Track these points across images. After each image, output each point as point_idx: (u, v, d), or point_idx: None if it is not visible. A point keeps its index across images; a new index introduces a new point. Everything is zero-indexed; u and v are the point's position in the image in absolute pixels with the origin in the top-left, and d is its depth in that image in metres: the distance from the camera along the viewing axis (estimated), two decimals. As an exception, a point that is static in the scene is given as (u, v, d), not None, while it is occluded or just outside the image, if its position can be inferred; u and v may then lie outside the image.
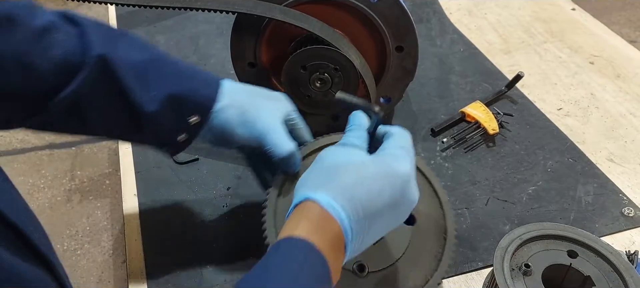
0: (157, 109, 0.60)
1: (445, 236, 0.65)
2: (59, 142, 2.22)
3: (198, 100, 0.63)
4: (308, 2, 0.80)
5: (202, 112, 0.63)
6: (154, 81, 0.61)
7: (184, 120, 0.63)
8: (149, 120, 0.61)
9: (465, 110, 0.98)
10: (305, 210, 0.50)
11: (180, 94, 0.61)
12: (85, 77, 0.58)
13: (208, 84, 0.64)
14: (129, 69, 0.59)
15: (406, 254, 0.64)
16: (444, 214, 0.66)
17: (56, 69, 0.57)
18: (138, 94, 0.60)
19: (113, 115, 0.62)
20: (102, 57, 0.58)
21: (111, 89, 0.59)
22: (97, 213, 1.94)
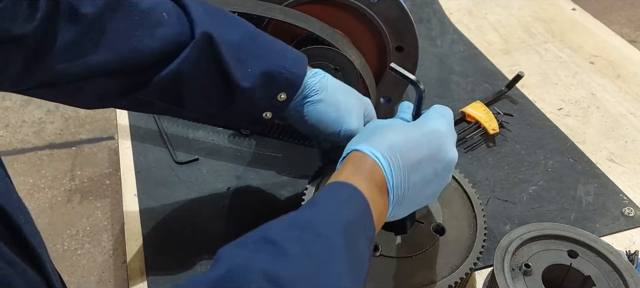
0: (251, 85, 0.63)
1: (467, 254, 0.65)
2: (58, 142, 2.22)
3: (288, 76, 0.64)
4: (308, 2, 0.80)
5: (289, 90, 0.65)
6: (249, 58, 0.63)
7: (273, 96, 0.65)
8: (243, 97, 0.63)
9: (465, 110, 0.98)
10: (349, 159, 0.56)
11: (273, 70, 0.63)
12: (189, 54, 0.59)
13: (297, 63, 0.66)
14: (229, 47, 0.61)
15: (423, 255, 0.65)
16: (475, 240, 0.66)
17: (162, 47, 0.58)
18: (236, 70, 0.62)
19: (210, 91, 0.63)
20: (207, 35, 0.59)
21: (212, 65, 0.61)
22: (97, 213, 1.94)
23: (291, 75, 0.65)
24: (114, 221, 1.92)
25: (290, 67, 0.65)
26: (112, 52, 0.56)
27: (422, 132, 0.58)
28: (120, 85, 0.60)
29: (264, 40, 0.66)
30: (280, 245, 0.45)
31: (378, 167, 0.54)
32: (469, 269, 0.63)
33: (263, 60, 0.63)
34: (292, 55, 0.66)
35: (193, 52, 0.59)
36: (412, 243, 0.66)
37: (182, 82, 0.61)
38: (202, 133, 0.96)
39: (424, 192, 0.58)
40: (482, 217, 0.68)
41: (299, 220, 0.49)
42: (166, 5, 0.60)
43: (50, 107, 2.36)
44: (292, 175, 0.88)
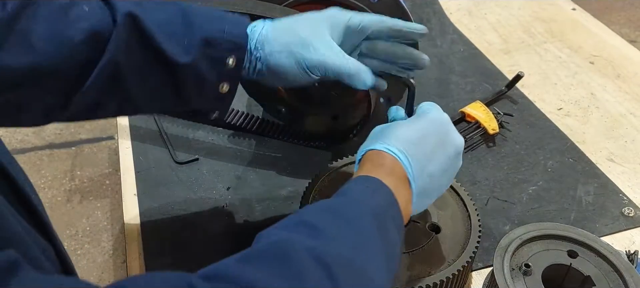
0: (192, 58, 0.59)
1: (462, 252, 0.66)
2: (58, 142, 2.22)
3: (230, 39, 0.60)
4: (308, 2, 0.80)
5: (237, 52, 0.61)
6: (183, 31, 0.59)
7: (221, 65, 0.61)
8: (187, 73, 0.59)
9: (465, 110, 0.98)
10: (367, 158, 0.58)
11: (211, 37, 0.60)
12: (117, 40, 0.56)
13: (238, 24, 0.62)
14: (158, 25, 0.58)
15: (420, 251, 0.66)
16: (469, 238, 0.68)
17: (88, 39, 0.55)
18: (171, 47, 0.58)
19: (152, 77, 0.60)
20: (130, 15, 0.57)
21: (144, 48, 0.58)
22: (97, 213, 1.94)
23: (233, 37, 0.60)
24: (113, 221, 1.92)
25: (230, 28, 0.61)
26: (33, 53, 0.53)
27: (427, 122, 0.60)
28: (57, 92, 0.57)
29: (197, 10, 0.62)
30: (318, 227, 0.46)
31: (396, 161, 0.56)
32: (465, 262, 0.64)
33: (198, 29, 0.59)
34: (231, 18, 0.62)
35: (120, 37, 0.56)
36: (409, 240, 0.67)
37: (120, 73, 0.57)
38: (202, 133, 0.96)
39: (442, 179, 0.61)
40: (476, 215, 0.70)
41: (331, 206, 0.51)
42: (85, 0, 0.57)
43: (50, 107, 2.36)
44: (292, 175, 0.88)
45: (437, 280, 0.62)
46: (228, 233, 0.79)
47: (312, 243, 0.45)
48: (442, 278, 0.63)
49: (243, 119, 0.95)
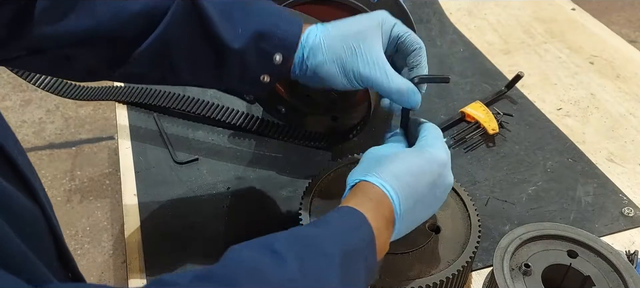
0: (242, 45, 0.61)
1: (462, 252, 0.66)
2: (58, 142, 2.22)
3: (282, 36, 0.62)
4: (308, 2, 0.80)
5: (285, 50, 0.62)
6: (239, 19, 0.61)
7: (268, 58, 0.62)
8: (235, 58, 0.61)
9: (465, 110, 0.98)
10: (359, 189, 0.57)
11: (265, 31, 0.61)
12: (173, 16, 0.58)
13: (292, 23, 0.63)
14: (215, 7, 0.60)
15: (419, 251, 0.66)
16: (469, 238, 0.68)
17: (145, 12, 0.57)
18: (225, 31, 0.60)
19: (200, 56, 0.62)
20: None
21: (198, 28, 0.60)
22: (97, 213, 1.94)
23: (285, 35, 0.62)
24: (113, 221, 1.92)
25: (284, 26, 0.62)
26: (91, 18, 0.56)
27: (425, 160, 0.59)
28: (107, 55, 0.60)
29: (259, 3, 0.64)
30: (281, 255, 0.46)
31: (387, 199, 0.56)
32: (465, 262, 0.64)
33: (254, 21, 0.61)
34: (286, 15, 0.64)
35: (177, 14, 0.58)
36: (409, 240, 0.66)
37: (170, 47, 0.60)
38: (202, 133, 0.96)
39: (425, 215, 0.61)
40: (476, 215, 0.70)
41: (306, 236, 0.51)
42: None
43: (50, 107, 2.36)
44: (292, 175, 0.88)
45: (437, 280, 0.63)
46: (228, 234, 0.79)
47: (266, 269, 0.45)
48: (442, 278, 0.63)
49: (243, 119, 0.95)
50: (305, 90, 0.82)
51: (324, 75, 0.63)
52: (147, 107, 1.00)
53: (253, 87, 0.66)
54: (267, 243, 0.48)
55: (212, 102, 0.98)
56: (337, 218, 0.54)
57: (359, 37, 0.62)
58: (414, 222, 0.60)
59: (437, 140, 0.62)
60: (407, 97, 0.63)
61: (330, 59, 0.62)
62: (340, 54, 0.62)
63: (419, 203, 0.58)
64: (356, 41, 0.62)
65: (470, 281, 0.73)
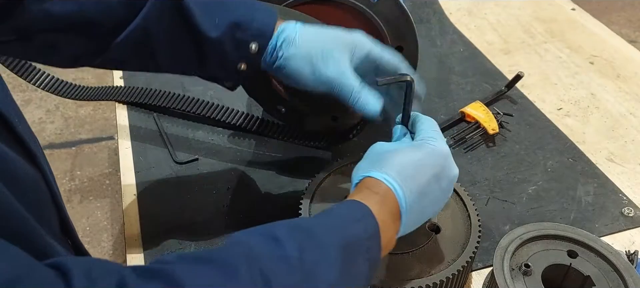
0: (220, 35, 0.63)
1: (462, 252, 0.66)
2: (58, 142, 2.22)
3: (257, 27, 0.65)
4: (308, 2, 0.80)
5: (260, 39, 0.65)
6: (217, 10, 0.64)
7: (245, 47, 0.65)
8: (212, 47, 0.64)
9: (465, 110, 0.98)
10: (364, 185, 0.58)
11: (241, 21, 0.64)
12: (153, 6, 0.61)
13: (267, 14, 0.66)
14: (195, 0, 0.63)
15: (420, 251, 0.67)
16: (469, 238, 0.68)
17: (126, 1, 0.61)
18: (203, 21, 0.63)
19: (179, 45, 0.65)
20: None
21: (178, 18, 0.63)
22: (97, 213, 1.94)
23: (260, 25, 0.65)
24: (113, 221, 1.92)
25: (259, 17, 0.65)
26: (74, 3, 0.59)
27: (428, 154, 0.60)
28: (90, 41, 0.63)
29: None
30: (282, 242, 0.47)
31: (392, 193, 0.56)
32: (465, 262, 0.64)
33: (231, 12, 0.64)
34: (263, 8, 0.67)
35: (157, 4, 0.61)
36: (409, 240, 0.67)
37: (150, 37, 0.63)
38: (202, 133, 0.96)
39: (432, 209, 0.61)
40: (476, 216, 0.70)
41: (307, 226, 0.52)
42: None
43: (49, 107, 2.36)
44: (292, 175, 0.88)
45: (437, 280, 0.63)
46: (228, 233, 0.79)
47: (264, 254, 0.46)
48: (442, 278, 0.63)
49: (243, 119, 0.95)
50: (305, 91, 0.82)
51: (291, 69, 0.66)
52: (147, 107, 1.00)
53: (231, 75, 0.69)
54: (269, 230, 0.49)
55: (212, 102, 0.98)
56: (340, 210, 0.55)
57: (331, 39, 0.66)
58: (421, 216, 0.60)
59: (435, 133, 0.63)
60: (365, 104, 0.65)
61: (302, 54, 0.65)
62: (312, 53, 0.65)
63: (424, 196, 0.58)
64: (328, 43, 0.65)
65: (471, 281, 0.73)
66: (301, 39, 0.66)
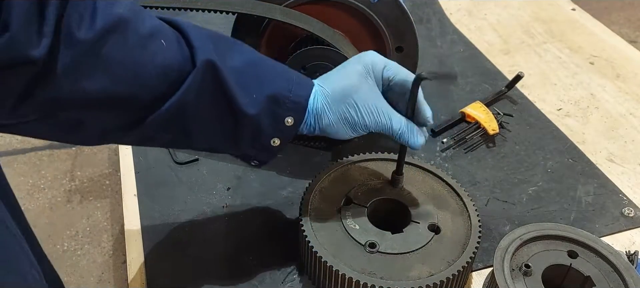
0: (257, 111, 0.61)
1: (462, 252, 0.66)
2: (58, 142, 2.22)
3: (295, 100, 0.63)
4: (308, 3, 0.80)
5: (296, 115, 0.63)
6: (253, 84, 0.61)
7: (281, 122, 0.63)
8: (249, 124, 0.62)
9: (465, 110, 0.98)
10: None
11: (278, 95, 0.62)
12: (192, 82, 0.57)
13: (303, 86, 0.64)
14: (232, 73, 0.60)
15: (420, 252, 0.67)
16: (469, 238, 0.68)
17: (163, 75, 0.56)
18: (241, 97, 0.60)
19: (216, 120, 0.61)
20: (210, 62, 0.58)
21: (217, 93, 0.59)
22: (97, 213, 1.94)
23: (297, 98, 0.63)
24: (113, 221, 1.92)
25: (295, 90, 0.63)
26: (109, 79, 0.53)
27: None
28: (123, 118, 0.58)
29: (267, 64, 0.64)
30: None
31: None
32: (465, 263, 0.64)
33: (267, 85, 0.62)
34: (297, 79, 0.64)
35: (196, 80, 0.57)
36: (409, 241, 0.67)
37: (187, 111, 0.59)
38: (202, 133, 0.95)
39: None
40: (476, 216, 0.70)
41: None
42: (167, 32, 0.58)
43: (50, 107, 2.36)
44: (292, 175, 0.88)
45: (437, 280, 0.63)
46: (228, 234, 0.79)
47: None
48: (442, 279, 0.63)
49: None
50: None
51: (332, 133, 0.65)
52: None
53: (263, 152, 0.66)
54: None
55: (212, 102, 0.98)
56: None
57: (353, 90, 0.64)
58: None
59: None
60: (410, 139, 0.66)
61: (336, 119, 0.64)
62: (343, 113, 0.64)
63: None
64: (353, 96, 0.64)
65: (471, 281, 0.73)
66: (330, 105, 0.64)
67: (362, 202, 0.71)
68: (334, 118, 0.64)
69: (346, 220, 0.69)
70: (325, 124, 0.64)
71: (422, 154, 0.92)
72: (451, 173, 0.88)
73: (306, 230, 0.67)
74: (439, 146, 0.93)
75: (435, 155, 0.92)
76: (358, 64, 0.65)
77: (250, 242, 0.77)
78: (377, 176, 0.76)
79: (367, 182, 0.75)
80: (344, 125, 0.64)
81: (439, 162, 0.90)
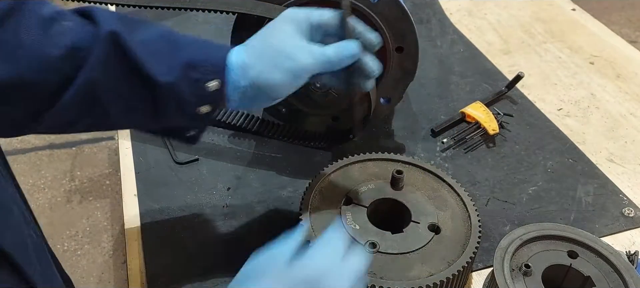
0: (173, 79, 0.59)
1: (462, 252, 0.66)
2: (58, 142, 2.22)
3: (213, 62, 0.60)
4: (308, 3, 0.80)
5: (217, 75, 0.60)
6: (167, 53, 0.60)
7: (202, 87, 0.60)
8: (167, 94, 0.59)
9: (465, 110, 0.98)
10: None
11: (194, 60, 0.60)
12: (97, 57, 0.56)
13: (221, 49, 0.62)
14: (141, 44, 0.58)
15: (420, 252, 0.67)
16: (469, 238, 0.68)
17: (67, 55, 0.55)
18: (152, 67, 0.58)
19: (131, 96, 0.60)
20: (113, 33, 0.56)
21: (125, 67, 0.57)
22: (97, 213, 1.94)
23: (215, 60, 0.60)
24: (113, 221, 1.92)
25: (212, 52, 0.61)
26: (13, 65, 0.52)
27: None
28: (30, 104, 0.56)
29: (180, 36, 0.63)
30: None
31: None
32: (465, 263, 0.64)
33: (181, 53, 0.60)
34: (213, 43, 0.63)
35: (101, 54, 0.56)
36: (409, 241, 0.67)
37: (97, 89, 0.57)
38: (202, 133, 0.96)
39: None
40: (476, 216, 0.70)
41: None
42: (70, 15, 0.57)
43: (50, 107, 2.36)
44: (292, 175, 0.88)
45: (437, 280, 0.63)
46: (228, 234, 0.79)
47: None
48: (442, 279, 0.63)
49: (243, 119, 0.95)
50: (305, 90, 0.82)
51: (265, 86, 0.62)
52: (147, 107, 1.00)
53: (193, 122, 0.64)
54: None
55: (212, 102, 0.98)
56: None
57: (279, 37, 0.62)
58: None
59: None
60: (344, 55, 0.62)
61: (266, 68, 0.61)
62: (273, 59, 0.62)
63: None
64: (279, 41, 0.62)
65: (471, 281, 0.73)
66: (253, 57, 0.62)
67: (362, 202, 0.72)
68: (262, 67, 0.61)
69: (346, 220, 0.69)
70: (253, 75, 0.61)
71: (421, 154, 0.92)
72: (451, 173, 0.88)
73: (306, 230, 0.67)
74: (439, 146, 0.93)
75: (435, 155, 0.92)
76: (279, 18, 0.64)
77: (250, 242, 0.77)
78: (377, 176, 0.76)
79: (367, 182, 0.75)
80: (278, 71, 0.61)
81: (439, 162, 0.90)
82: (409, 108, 1.01)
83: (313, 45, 0.62)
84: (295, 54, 0.61)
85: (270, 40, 0.63)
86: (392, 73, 0.86)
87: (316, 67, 0.61)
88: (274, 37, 0.63)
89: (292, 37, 0.62)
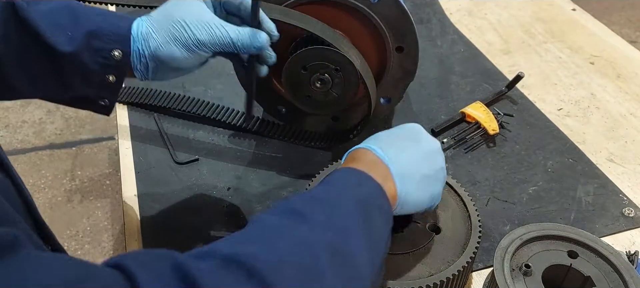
0: (75, 48, 0.60)
1: (462, 252, 0.66)
2: (59, 142, 2.22)
3: (115, 31, 0.62)
4: (308, 3, 0.80)
5: (121, 44, 0.62)
6: (69, 23, 0.60)
7: (106, 56, 0.62)
8: (70, 63, 0.60)
9: (465, 110, 0.98)
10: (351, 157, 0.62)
11: (96, 30, 0.61)
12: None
13: (123, 18, 0.64)
14: (42, 15, 0.59)
15: (420, 252, 0.67)
16: (469, 238, 0.68)
17: None
18: (54, 37, 0.59)
19: (34, 66, 0.61)
20: (9, 3, 0.57)
21: (27, 37, 0.59)
22: (97, 213, 1.94)
23: (118, 30, 0.62)
24: (114, 221, 1.92)
25: (115, 22, 0.62)
26: None
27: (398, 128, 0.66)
28: None
29: (83, 7, 0.64)
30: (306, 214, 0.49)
31: (379, 160, 0.60)
32: (465, 263, 0.64)
33: (84, 23, 0.61)
34: (115, 14, 0.64)
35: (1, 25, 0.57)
36: (410, 241, 0.67)
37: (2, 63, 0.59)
38: (202, 133, 0.96)
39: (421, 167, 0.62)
40: (476, 216, 0.70)
41: (317, 195, 0.53)
42: None
43: (50, 107, 2.36)
44: (292, 175, 0.88)
45: (437, 280, 0.63)
46: (228, 233, 0.79)
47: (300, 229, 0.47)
48: (442, 279, 0.63)
49: (243, 119, 0.95)
50: (305, 91, 0.82)
51: (165, 58, 0.63)
52: (148, 107, 1.00)
53: (101, 91, 0.65)
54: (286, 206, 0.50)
55: (212, 102, 0.98)
56: (339, 177, 0.56)
57: (180, 9, 0.64)
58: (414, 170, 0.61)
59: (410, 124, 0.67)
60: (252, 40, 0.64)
61: (165, 40, 0.63)
62: (171, 32, 0.63)
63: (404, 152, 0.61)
64: (181, 14, 0.63)
65: (471, 281, 0.73)
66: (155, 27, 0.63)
67: None
68: (161, 39, 0.63)
69: None
70: (153, 46, 0.63)
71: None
72: (451, 173, 0.88)
73: None
74: (439, 146, 0.93)
75: (436, 155, 0.92)
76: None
77: (250, 242, 0.77)
78: None
79: None
80: (176, 44, 0.63)
81: (439, 162, 0.90)
82: (409, 108, 1.01)
83: (216, 22, 0.63)
84: (192, 28, 0.63)
85: (172, 11, 0.64)
86: (392, 73, 0.86)
87: (214, 45, 0.63)
88: (178, 10, 0.64)
89: (195, 12, 0.64)
